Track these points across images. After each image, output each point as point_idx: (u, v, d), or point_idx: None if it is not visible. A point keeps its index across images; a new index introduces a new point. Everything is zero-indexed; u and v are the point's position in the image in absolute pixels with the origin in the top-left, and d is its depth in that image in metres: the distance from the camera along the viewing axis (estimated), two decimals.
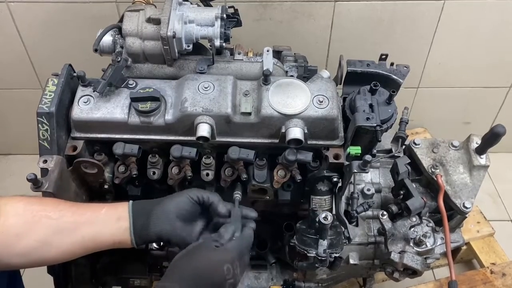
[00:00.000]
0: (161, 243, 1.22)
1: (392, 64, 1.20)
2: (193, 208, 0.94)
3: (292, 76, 1.15)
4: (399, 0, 1.63)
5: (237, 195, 1.05)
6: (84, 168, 1.07)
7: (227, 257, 0.86)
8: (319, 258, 1.05)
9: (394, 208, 1.16)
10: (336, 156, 1.07)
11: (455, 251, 1.67)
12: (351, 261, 1.19)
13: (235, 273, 0.85)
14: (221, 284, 0.83)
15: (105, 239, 0.91)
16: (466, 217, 1.18)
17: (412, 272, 1.14)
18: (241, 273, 0.88)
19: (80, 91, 1.07)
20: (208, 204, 0.95)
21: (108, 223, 0.90)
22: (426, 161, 1.18)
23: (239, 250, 0.89)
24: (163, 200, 0.94)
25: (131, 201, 0.94)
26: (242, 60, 1.15)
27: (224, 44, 1.11)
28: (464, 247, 1.68)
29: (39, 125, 1.02)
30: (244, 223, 0.96)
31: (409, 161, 1.14)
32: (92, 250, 0.92)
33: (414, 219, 1.14)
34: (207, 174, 1.10)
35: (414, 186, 1.13)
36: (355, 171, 1.01)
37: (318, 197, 1.13)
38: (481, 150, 1.15)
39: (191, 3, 1.15)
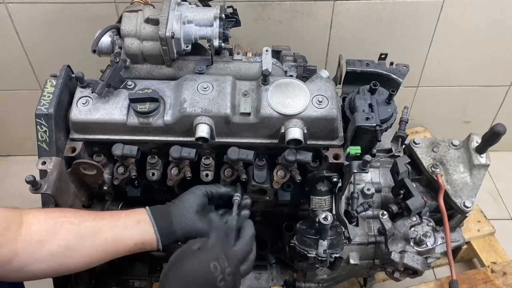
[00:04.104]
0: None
1: (391, 63, 1.19)
2: (204, 201, 1.00)
3: (291, 76, 1.15)
4: None
5: (237, 197, 1.05)
6: (83, 170, 1.06)
7: (211, 255, 0.86)
8: (319, 258, 1.05)
9: (394, 207, 1.16)
10: (336, 156, 1.07)
11: (456, 250, 1.66)
12: (352, 261, 1.19)
13: (223, 268, 0.85)
14: (213, 283, 0.83)
15: (126, 241, 0.92)
16: (466, 216, 1.18)
17: (413, 272, 1.13)
18: (232, 266, 0.87)
19: (79, 92, 1.07)
20: (216, 195, 1.03)
21: (128, 226, 0.92)
22: (426, 161, 1.18)
23: (222, 244, 0.90)
24: (177, 200, 0.99)
25: (147, 207, 0.97)
26: (241, 60, 1.15)
27: (223, 44, 1.11)
28: (465, 246, 1.68)
29: (38, 126, 1.02)
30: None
31: (409, 160, 1.14)
32: (113, 255, 0.93)
33: (414, 218, 1.14)
34: (207, 175, 1.10)
35: (414, 185, 1.12)
36: (355, 171, 1.01)
37: (318, 197, 1.13)
38: (481, 149, 1.15)
39: (190, 3, 1.15)
